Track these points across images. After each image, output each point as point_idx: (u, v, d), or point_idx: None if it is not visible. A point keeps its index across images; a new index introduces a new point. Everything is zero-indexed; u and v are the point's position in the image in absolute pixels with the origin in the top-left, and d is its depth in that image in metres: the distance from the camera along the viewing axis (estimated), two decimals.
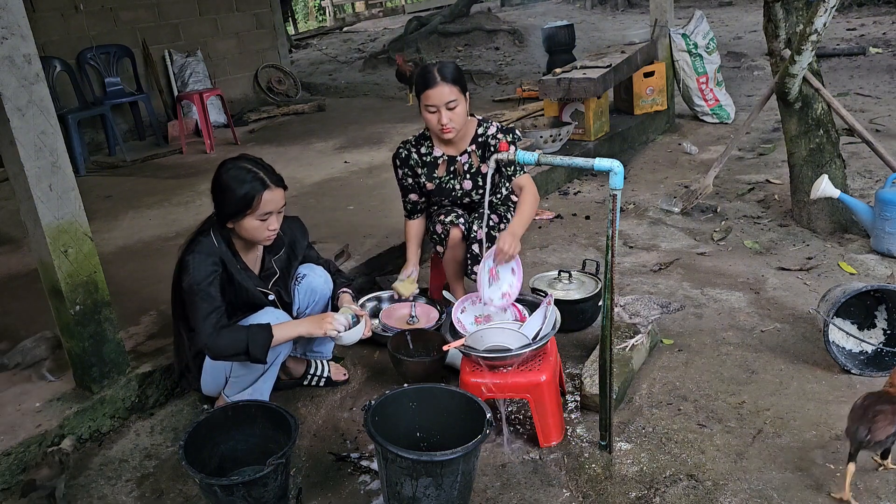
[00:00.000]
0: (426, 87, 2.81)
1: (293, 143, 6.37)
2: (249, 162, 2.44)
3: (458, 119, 2.84)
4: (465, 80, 2.88)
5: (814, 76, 3.87)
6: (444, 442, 2.21)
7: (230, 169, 2.41)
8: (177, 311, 2.55)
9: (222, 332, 2.34)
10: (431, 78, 2.80)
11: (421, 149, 3.04)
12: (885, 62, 8.08)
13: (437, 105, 2.81)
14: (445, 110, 2.81)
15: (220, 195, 2.41)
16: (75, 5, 6.61)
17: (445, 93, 2.79)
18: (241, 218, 2.39)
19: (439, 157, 3.02)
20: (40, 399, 2.65)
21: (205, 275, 2.38)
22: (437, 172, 3.03)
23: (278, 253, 2.62)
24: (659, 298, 2.86)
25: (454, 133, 2.88)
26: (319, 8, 20.48)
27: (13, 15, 2.22)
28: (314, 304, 2.71)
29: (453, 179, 3.04)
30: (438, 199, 3.08)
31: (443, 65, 2.86)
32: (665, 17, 6.08)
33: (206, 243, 2.44)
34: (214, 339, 2.33)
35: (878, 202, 3.54)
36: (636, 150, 5.87)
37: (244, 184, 2.36)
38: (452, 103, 2.81)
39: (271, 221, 2.43)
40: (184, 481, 2.40)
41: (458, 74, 2.85)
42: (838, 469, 2.21)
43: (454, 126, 2.85)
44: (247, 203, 2.36)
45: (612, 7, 15.26)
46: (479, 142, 3.02)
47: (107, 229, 4.47)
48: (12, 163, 2.34)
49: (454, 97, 2.80)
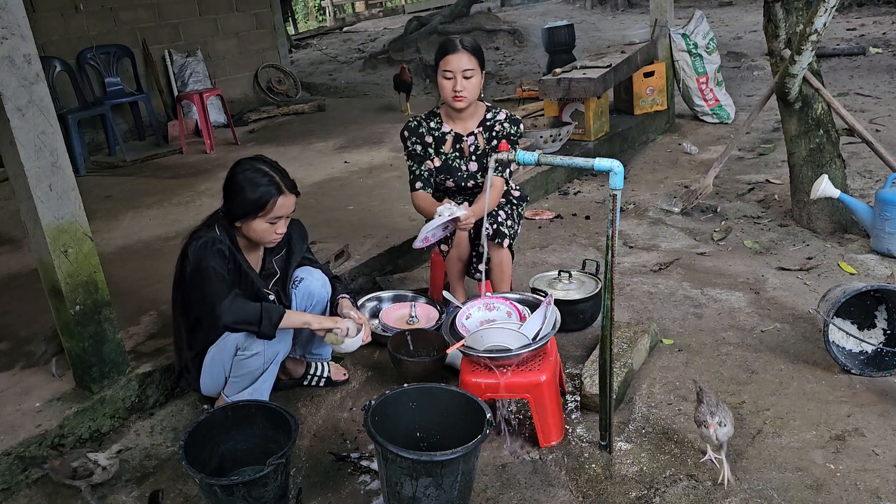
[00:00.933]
0: (446, 53, 2.90)
1: (293, 143, 6.36)
2: (266, 164, 2.45)
3: (471, 89, 2.92)
4: (483, 56, 2.97)
5: (814, 76, 3.87)
6: (444, 442, 2.21)
7: (247, 169, 2.41)
8: (178, 307, 2.55)
9: (238, 299, 2.36)
10: (452, 45, 2.90)
11: (430, 123, 3.09)
12: (885, 62, 8.08)
13: (455, 71, 2.89)
14: (461, 78, 2.89)
15: (233, 194, 2.42)
16: (75, 5, 6.60)
17: (464, 61, 2.87)
18: (252, 219, 2.41)
19: (447, 132, 3.07)
20: (40, 399, 2.65)
21: (215, 259, 2.39)
22: (443, 148, 3.08)
23: (279, 253, 2.63)
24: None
25: (465, 102, 2.94)
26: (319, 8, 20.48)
27: (13, 15, 2.22)
28: (311, 307, 2.67)
29: (459, 159, 3.07)
30: (443, 178, 3.09)
31: (464, 37, 2.97)
32: (665, 17, 6.08)
33: (210, 235, 2.44)
34: (230, 303, 2.34)
35: (878, 202, 3.54)
36: (636, 150, 5.87)
37: (259, 186, 2.37)
38: (469, 72, 2.89)
39: (280, 225, 2.45)
40: (184, 481, 2.39)
41: (478, 48, 2.96)
42: (838, 469, 2.22)
43: (466, 95, 2.92)
44: (260, 206, 2.37)
45: (612, 7, 15.25)
46: (486, 125, 3.07)
47: (107, 229, 4.47)
48: (12, 163, 2.34)
49: (472, 66, 2.89)
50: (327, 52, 13.25)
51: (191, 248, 2.42)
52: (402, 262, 3.86)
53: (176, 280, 2.52)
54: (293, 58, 11.37)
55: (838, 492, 2.13)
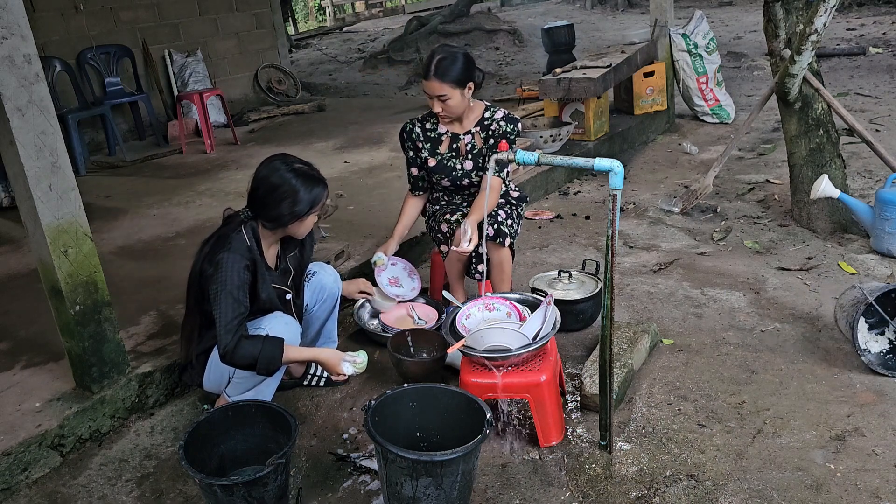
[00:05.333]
0: (423, 76, 2.94)
1: (293, 143, 6.36)
2: (300, 162, 2.46)
3: (451, 109, 2.95)
4: (464, 72, 2.88)
5: (814, 76, 3.87)
6: (444, 442, 2.21)
7: (289, 173, 2.39)
8: (193, 302, 2.50)
9: (241, 343, 2.32)
10: (425, 70, 2.91)
11: (426, 124, 3.13)
12: (885, 62, 8.09)
13: (430, 95, 2.93)
14: (437, 101, 2.93)
15: (283, 197, 2.38)
16: (75, 5, 6.60)
17: (435, 87, 2.89)
18: (306, 217, 2.44)
19: (443, 132, 3.10)
20: (40, 399, 2.65)
21: (238, 277, 2.35)
22: (440, 148, 3.10)
23: (293, 251, 2.64)
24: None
25: (448, 120, 3.05)
26: (319, 8, 20.49)
27: (13, 15, 2.22)
28: (322, 301, 2.75)
29: (455, 158, 3.08)
30: (438, 177, 3.11)
31: (442, 58, 2.87)
32: (665, 17, 6.08)
33: (240, 241, 2.40)
34: (233, 349, 2.31)
35: (878, 202, 3.55)
36: (636, 150, 5.87)
37: (313, 186, 2.41)
38: (443, 97, 2.91)
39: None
40: (184, 481, 2.40)
41: (452, 70, 2.86)
42: (838, 469, 2.22)
43: (448, 115, 2.99)
44: (316, 202, 2.42)
45: (612, 7, 15.26)
46: (484, 124, 3.07)
47: (107, 229, 4.47)
48: (12, 163, 2.34)
49: (444, 92, 2.89)
50: (327, 52, 13.26)
51: (221, 258, 2.35)
52: None
53: (198, 275, 2.45)
54: (293, 58, 11.37)
55: (838, 492, 2.13)
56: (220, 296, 2.32)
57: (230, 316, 2.31)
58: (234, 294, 2.32)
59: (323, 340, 2.85)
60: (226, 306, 2.31)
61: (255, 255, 2.43)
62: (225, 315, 2.31)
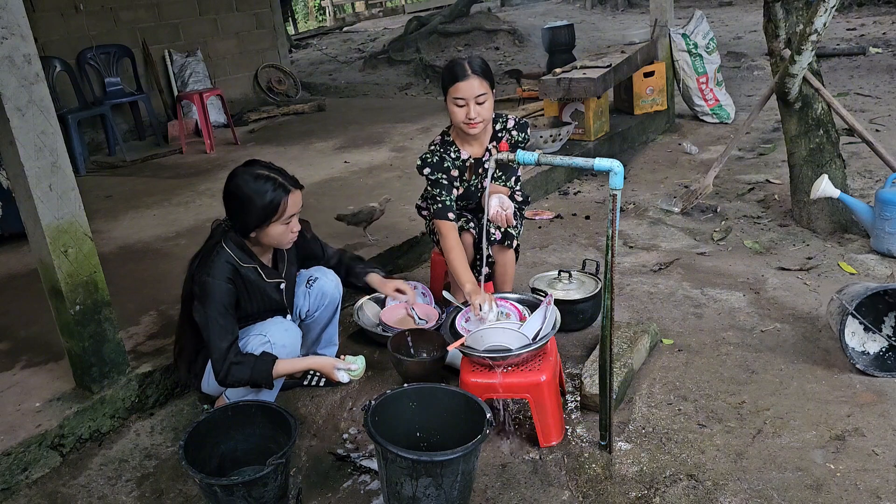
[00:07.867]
0: (455, 80, 2.71)
1: (293, 143, 6.36)
2: (264, 168, 2.40)
3: (485, 113, 2.76)
4: (493, 75, 2.83)
5: (814, 76, 3.87)
6: (444, 442, 2.21)
7: (247, 178, 2.36)
8: (186, 316, 2.50)
9: (231, 369, 2.33)
10: (462, 70, 2.71)
11: (451, 153, 2.92)
12: (885, 62, 8.08)
13: (467, 98, 2.70)
14: (474, 104, 2.72)
15: (240, 206, 2.36)
16: (75, 5, 6.60)
17: (475, 86, 2.70)
18: (267, 226, 2.37)
19: (466, 159, 2.94)
20: (40, 399, 2.65)
21: (221, 303, 2.34)
22: (466, 176, 2.98)
23: (287, 254, 2.63)
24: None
25: (479, 128, 2.78)
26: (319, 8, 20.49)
27: (13, 15, 2.22)
28: (323, 307, 2.74)
29: (476, 178, 3.00)
30: (465, 203, 3.03)
31: (472, 58, 2.82)
32: (665, 17, 6.08)
33: (220, 261, 2.38)
34: (224, 377, 2.34)
35: (878, 202, 3.54)
36: (636, 150, 5.87)
37: (266, 192, 2.33)
38: (482, 97, 2.72)
39: (294, 223, 2.44)
40: (184, 481, 2.40)
41: (487, 68, 2.79)
42: (838, 469, 2.22)
43: (480, 121, 2.76)
44: (272, 210, 2.34)
45: (612, 7, 15.25)
46: (498, 138, 2.96)
47: (107, 229, 4.47)
48: (12, 163, 2.34)
49: (484, 91, 2.72)
50: (327, 52, 13.25)
51: (204, 283, 2.35)
52: (402, 261, 3.86)
53: (185, 293, 2.47)
54: (293, 58, 11.37)
55: (838, 492, 2.13)
56: (209, 325, 2.34)
57: (221, 346, 2.33)
58: (219, 321, 2.34)
59: (324, 344, 2.86)
60: (215, 336, 2.33)
61: (239, 266, 2.40)
62: (215, 345, 2.33)
